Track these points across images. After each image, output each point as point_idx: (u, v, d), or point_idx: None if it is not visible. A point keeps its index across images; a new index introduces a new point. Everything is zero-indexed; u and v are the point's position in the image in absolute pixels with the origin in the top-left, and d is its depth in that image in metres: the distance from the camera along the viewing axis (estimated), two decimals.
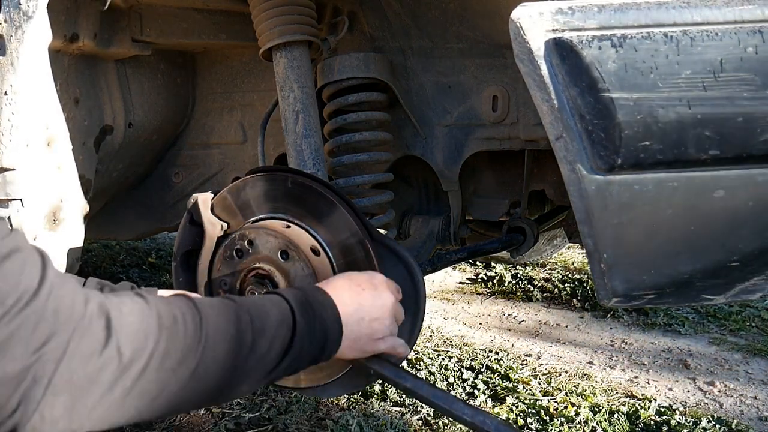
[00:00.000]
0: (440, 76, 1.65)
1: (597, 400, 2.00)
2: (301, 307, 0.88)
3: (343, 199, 1.19)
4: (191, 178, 2.05)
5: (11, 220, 1.22)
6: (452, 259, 1.74)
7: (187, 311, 0.76)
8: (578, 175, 0.96)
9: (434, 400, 1.06)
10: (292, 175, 1.21)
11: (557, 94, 0.95)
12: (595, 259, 1.02)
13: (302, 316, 0.87)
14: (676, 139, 0.93)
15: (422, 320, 1.23)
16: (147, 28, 1.64)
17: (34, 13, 1.17)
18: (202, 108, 2.00)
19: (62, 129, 1.29)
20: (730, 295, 1.07)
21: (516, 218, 1.89)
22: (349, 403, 1.98)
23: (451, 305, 3.09)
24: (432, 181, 1.93)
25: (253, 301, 0.87)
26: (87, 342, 0.64)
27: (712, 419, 1.84)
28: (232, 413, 1.91)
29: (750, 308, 2.87)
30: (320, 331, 0.90)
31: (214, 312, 0.79)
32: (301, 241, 1.17)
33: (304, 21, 1.47)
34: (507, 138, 1.63)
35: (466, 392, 2.07)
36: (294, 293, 0.91)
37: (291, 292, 0.92)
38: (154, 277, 3.38)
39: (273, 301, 0.88)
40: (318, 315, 0.90)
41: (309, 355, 0.89)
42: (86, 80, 1.60)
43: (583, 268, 3.53)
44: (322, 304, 0.92)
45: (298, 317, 0.86)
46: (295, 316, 0.86)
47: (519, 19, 0.94)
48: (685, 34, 0.92)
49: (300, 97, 1.49)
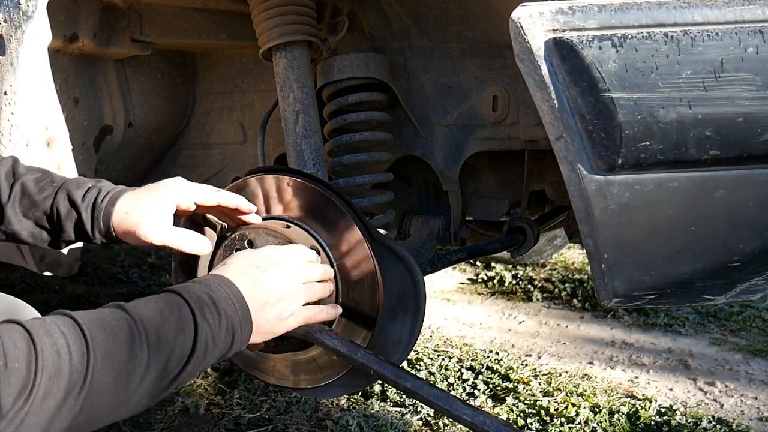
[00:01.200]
0: (440, 76, 1.65)
1: (597, 400, 2.00)
2: (204, 308, 0.85)
3: (343, 199, 1.19)
4: (191, 178, 2.03)
5: None
6: (452, 259, 1.74)
7: (73, 340, 0.71)
8: (578, 175, 0.96)
9: (434, 400, 1.06)
10: (291, 175, 1.21)
11: (557, 94, 0.95)
12: (596, 259, 1.02)
13: (204, 317, 0.84)
14: (677, 139, 0.93)
15: (422, 320, 1.23)
16: (147, 28, 1.64)
17: (33, 13, 1.17)
18: (202, 108, 2.00)
19: (62, 129, 1.29)
20: (730, 295, 1.07)
21: (516, 218, 1.89)
22: (349, 403, 1.98)
23: (451, 305, 3.09)
24: (432, 181, 1.93)
25: (148, 310, 0.81)
26: None
27: (713, 419, 1.84)
28: (232, 413, 1.91)
29: (751, 309, 2.87)
30: (227, 328, 0.87)
31: (104, 334, 0.74)
32: (301, 241, 1.17)
33: (304, 21, 1.47)
34: (507, 138, 1.63)
35: (466, 392, 2.07)
36: (195, 292, 0.87)
37: (192, 291, 0.87)
38: (154, 278, 3.38)
39: (172, 306, 0.83)
40: (223, 312, 0.87)
41: (216, 354, 0.86)
42: (86, 80, 1.60)
43: (583, 268, 3.53)
44: (227, 300, 0.88)
45: (199, 320, 0.83)
46: (197, 320, 0.83)
47: (519, 19, 0.94)
48: (685, 34, 0.91)
49: (300, 97, 1.49)
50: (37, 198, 1.02)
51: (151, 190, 1.06)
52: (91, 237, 1.02)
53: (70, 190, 1.02)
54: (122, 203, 1.02)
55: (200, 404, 1.96)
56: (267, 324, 0.95)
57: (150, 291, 3.09)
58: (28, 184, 1.03)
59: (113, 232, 1.01)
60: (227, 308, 0.87)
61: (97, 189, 1.03)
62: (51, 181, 1.04)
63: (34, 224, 1.03)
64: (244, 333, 0.90)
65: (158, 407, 1.97)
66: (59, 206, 1.01)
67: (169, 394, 2.04)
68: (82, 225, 1.01)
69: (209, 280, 0.91)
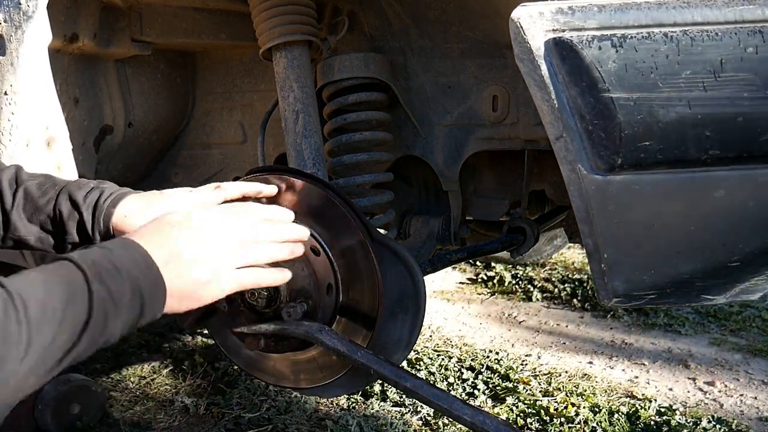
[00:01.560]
0: (440, 76, 1.65)
1: (597, 400, 2.00)
2: (102, 272, 0.76)
3: (343, 199, 1.19)
4: (191, 178, 2.05)
5: None
6: (452, 259, 1.74)
7: None
8: (578, 175, 0.96)
9: (434, 400, 1.06)
10: (291, 175, 1.21)
11: (557, 94, 0.95)
12: (596, 259, 1.02)
13: (102, 282, 0.75)
14: (677, 139, 0.93)
15: (422, 320, 1.23)
16: (147, 28, 1.64)
17: (34, 13, 1.17)
18: (202, 108, 2.00)
19: (62, 129, 1.29)
20: (730, 295, 1.08)
21: (516, 218, 1.89)
22: (349, 403, 1.98)
23: (451, 305, 3.09)
24: (432, 181, 1.93)
25: (30, 282, 0.72)
26: None
27: (713, 419, 1.84)
28: (232, 413, 1.91)
29: (750, 308, 2.87)
30: (132, 292, 0.77)
31: None
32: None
33: (304, 21, 1.47)
34: (507, 138, 1.63)
35: (466, 392, 2.07)
36: (92, 256, 0.78)
37: (88, 256, 0.78)
38: None
39: (59, 274, 0.74)
40: (126, 274, 0.77)
41: (123, 321, 0.78)
42: (86, 80, 1.60)
43: (583, 268, 3.53)
44: (131, 261, 0.79)
45: (94, 286, 0.74)
46: (91, 286, 0.74)
47: (519, 19, 0.94)
48: (685, 34, 0.92)
49: (300, 97, 1.49)
50: (40, 202, 1.02)
51: (155, 196, 1.04)
52: (92, 238, 1.01)
53: (72, 191, 1.02)
54: (124, 205, 1.01)
55: (200, 404, 1.96)
56: (184, 286, 0.84)
57: None
58: (31, 188, 1.03)
59: (112, 233, 1.00)
60: (131, 269, 0.78)
61: (99, 190, 1.03)
62: (53, 184, 1.04)
63: (39, 228, 1.03)
64: (155, 297, 0.81)
65: (159, 407, 1.97)
66: (61, 207, 1.01)
67: (170, 394, 2.04)
68: (84, 226, 1.01)
69: (112, 242, 0.83)
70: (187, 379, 2.16)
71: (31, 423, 1.76)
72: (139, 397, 2.03)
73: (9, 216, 1.01)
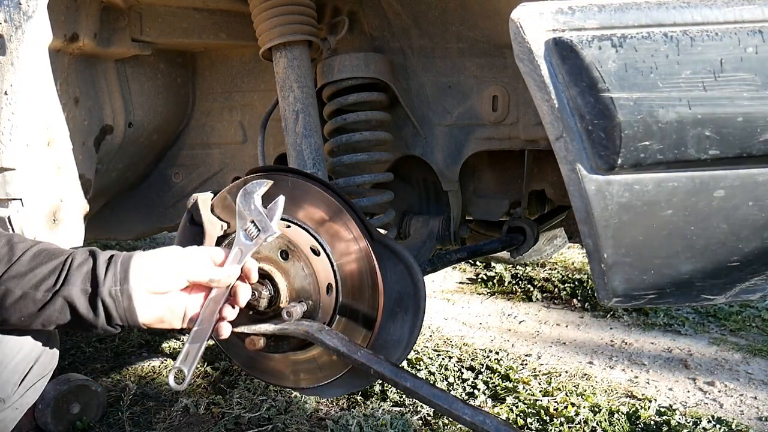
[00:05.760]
0: (440, 76, 1.65)
1: (597, 400, 2.00)
2: None
3: (344, 199, 1.19)
4: (191, 178, 2.05)
5: (11, 220, 1.22)
6: (452, 259, 1.74)
7: None
8: (578, 175, 0.96)
9: (434, 400, 1.06)
10: (292, 175, 1.21)
11: (557, 94, 0.95)
12: (595, 259, 1.02)
13: None
14: (677, 139, 0.93)
15: (422, 320, 1.23)
16: (147, 27, 1.64)
17: (34, 13, 1.16)
18: (202, 108, 2.00)
19: (62, 129, 1.29)
20: (730, 295, 1.07)
21: (516, 218, 1.89)
22: (349, 403, 1.98)
23: (451, 305, 3.09)
24: (432, 181, 1.93)
25: None
26: None
27: (712, 419, 1.84)
28: (232, 413, 1.91)
29: (750, 308, 2.87)
30: None
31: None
32: (301, 241, 1.17)
33: (304, 21, 1.47)
34: (507, 138, 1.63)
35: (466, 392, 2.07)
36: None
37: None
38: None
39: None
40: None
41: None
42: (86, 80, 1.60)
43: (583, 268, 3.53)
44: None
45: None
46: None
47: (519, 19, 0.94)
48: (685, 34, 0.92)
49: (300, 97, 1.49)
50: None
51: None
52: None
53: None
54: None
55: (201, 404, 1.96)
56: None
57: None
58: None
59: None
60: None
61: None
62: None
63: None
64: None
65: (159, 406, 1.98)
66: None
67: (170, 394, 2.05)
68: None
69: None
70: None
71: (31, 423, 1.76)
72: (139, 397, 2.03)
73: None
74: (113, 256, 0.93)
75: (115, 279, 0.89)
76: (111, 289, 0.89)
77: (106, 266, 0.90)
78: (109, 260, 0.91)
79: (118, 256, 0.93)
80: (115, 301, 0.89)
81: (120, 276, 0.90)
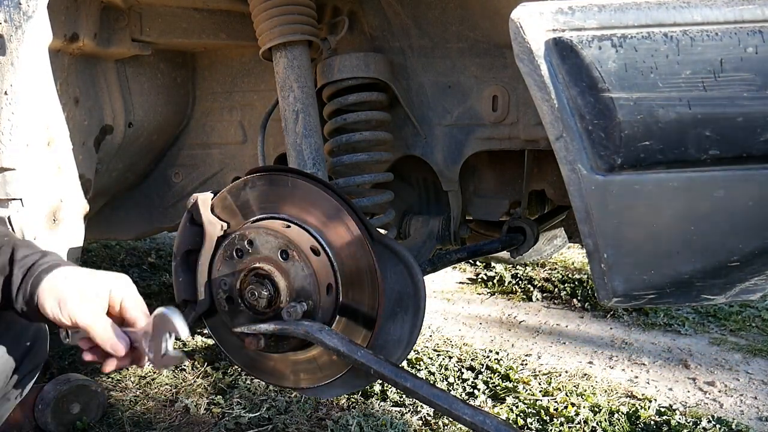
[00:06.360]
0: (440, 76, 1.65)
1: (597, 400, 2.00)
2: None
3: (343, 199, 1.19)
4: (191, 178, 2.05)
5: (11, 220, 1.22)
6: (452, 259, 1.74)
7: None
8: (578, 175, 0.96)
9: (434, 400, 1.06)
10: (292, 175, 1.21)
11: (557, 94, 0.95)
12: (596, 259, 1.02)
13: None
14: (677, 139, 0.93)
15: (422, 320, 1.23)
16: (147, 27, 1.64)
17: (34, 13, 1.16)
18: (202, 108, 2.00)
19: (62, 129, 1.29)
20: (730, 295, 1.07)
21: (516, 218, 1.89)
22: (349, 403, 1.98)
23: (451, 305, 3.09)
24: (432, 181, 1.93)
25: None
26: None
27: (712, 419, 1.84)
28: (232, 413, 1.90)
29: (750, 308, 2.87)
30: None
31: None
32: (301, 241, 1.17)
33: (304, 21, 1.47)
34: (507, 138, 1.63)
35: (466, 392, 2.07)
36: None
37: None
38: (154, 277, 3.38)
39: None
40: None
41: None
42: (86, 80, 1.60)
43: (583, 268, 3.53)
44: None
45: None
46: None
47: (519, 19, 0.94)
48: (685, 34, 0.92)
49: (300, 97, 1.49)
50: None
51: (93, 273, 1.00)
52: (14, 299, 0.96)
53: (17, 247, 0.98)
54: (55, 275, 0.96)
55: (201, 404, 1.96)
56: None
57: (150, 290, 3.09)
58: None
59: (36, 302, 0.94)
60: None
61: (41, 254, 0.99)
62: (4, 235, 1.01)
63: None
64: None
65: (160, 406, 1.98)
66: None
67: (170, 394, 2.04)
68: (10, 284, 0.96)
69: None
70: (187, 379, 2.16)
71: (31, 423, 1.76)
72: (139, 397, 2.03)
73: None
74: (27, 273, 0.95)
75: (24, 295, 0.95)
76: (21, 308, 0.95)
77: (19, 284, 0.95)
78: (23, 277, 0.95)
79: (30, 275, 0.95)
80: None
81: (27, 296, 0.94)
